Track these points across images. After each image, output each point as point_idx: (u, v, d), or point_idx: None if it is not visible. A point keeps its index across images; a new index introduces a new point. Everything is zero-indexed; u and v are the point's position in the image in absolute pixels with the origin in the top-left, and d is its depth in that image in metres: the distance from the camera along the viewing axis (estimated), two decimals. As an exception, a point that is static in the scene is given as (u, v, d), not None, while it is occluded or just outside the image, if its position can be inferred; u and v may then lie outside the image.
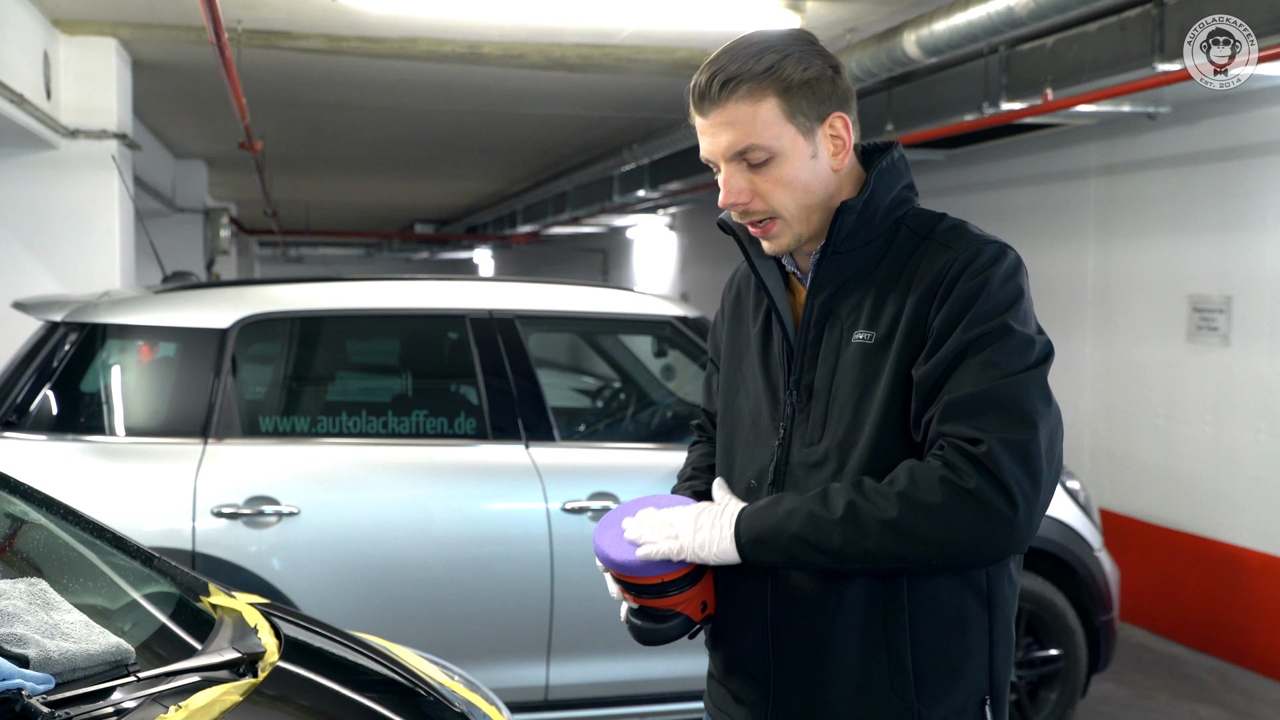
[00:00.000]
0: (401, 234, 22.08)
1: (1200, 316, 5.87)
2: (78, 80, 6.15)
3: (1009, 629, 1.65)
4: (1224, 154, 5.74)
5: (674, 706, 3.98)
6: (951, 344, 1.53)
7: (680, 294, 13.11)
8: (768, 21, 5.27)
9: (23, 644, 1.74)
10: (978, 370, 1.51)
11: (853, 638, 1.60)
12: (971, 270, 1.55)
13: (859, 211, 1.62)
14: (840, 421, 1.61)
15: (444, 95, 7.93)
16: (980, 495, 1.46)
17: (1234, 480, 5.69)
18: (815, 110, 1.61)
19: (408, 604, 3.79)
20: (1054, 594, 4.36)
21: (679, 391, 5.02)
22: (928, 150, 7.46)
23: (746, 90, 1.58)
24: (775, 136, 1.59)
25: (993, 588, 1.62)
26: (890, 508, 1.49)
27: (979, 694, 1.62)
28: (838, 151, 1.63)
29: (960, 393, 1.50)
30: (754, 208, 1.63)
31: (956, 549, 1.49)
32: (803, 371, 1.67)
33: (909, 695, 1.59)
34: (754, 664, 1.70)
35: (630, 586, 1.66)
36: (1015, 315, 1.54)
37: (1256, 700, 5.22)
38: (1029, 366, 1.52)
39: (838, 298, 1.65)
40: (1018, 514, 1.46)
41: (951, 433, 1.50)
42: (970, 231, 1.62)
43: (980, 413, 1.49)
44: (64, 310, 3.88)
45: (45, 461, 3.64)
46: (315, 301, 4.12)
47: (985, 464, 1.46)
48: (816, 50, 1.63)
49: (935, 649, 1.59)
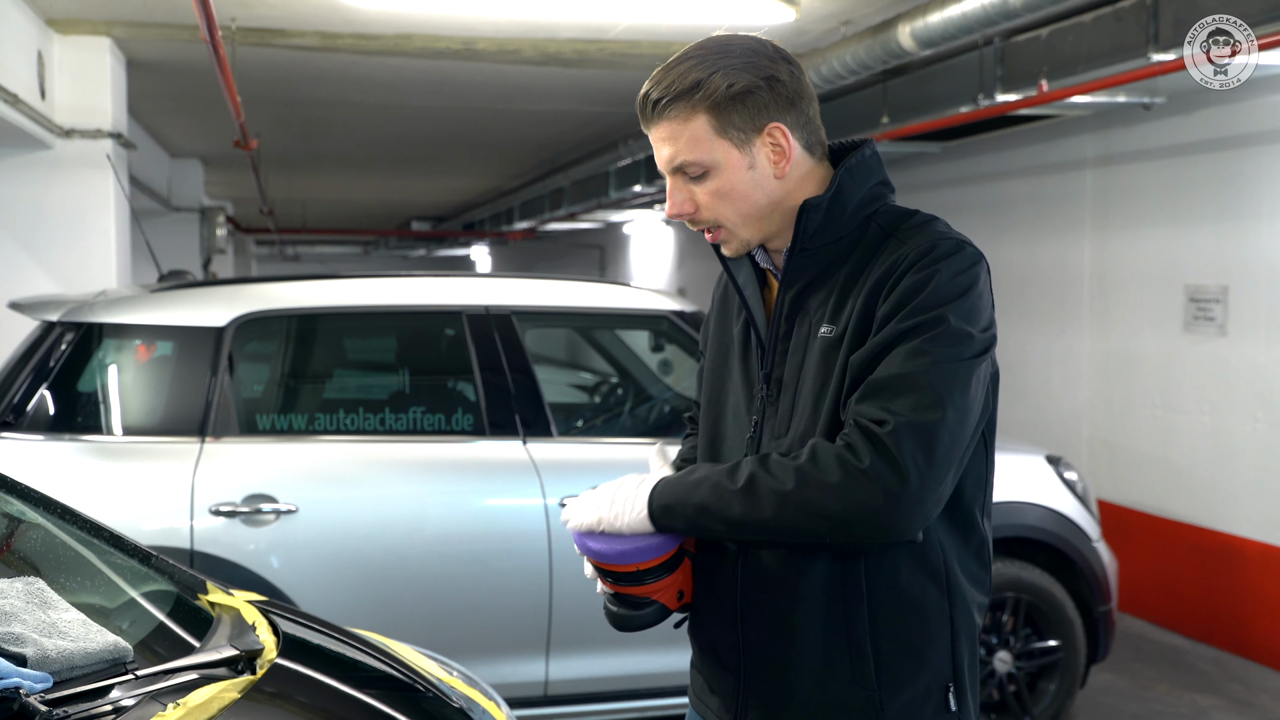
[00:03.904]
0: (398, 231, 22.08)
1: (1197, 307, 5.87)
2: (72, 80, 6.14)
3: (971, 615, 1.67)
4: (1220, 144, 5.74)
5: (673, 700, 3.99)
6: (887, 331, 1.55)
7: (677, 289, 13.11)
8: (762, 15, 5.27)
9: (20, 643, 1.74)
10: (904, 357, 1.53)
11: (814, 626, 1.63)
12: (922, 263, 1.56)
13: (825, 209, 1.64)
14: (803, 415, 1.64)
15: (439, 92, 7.93)
16: (874, 474, 1.49)
17: (1232, 470, 5.69)
18: (750, 123, 1.62)
19: (406, 600, 3.79)
20: (1052, 585, 4.36)
21: (676, 386, 5.03)
22: (923, 143, 7.47)
23: (676, 109, 1.63)
24: (707, 152, 1.63)
25: (951, 574, 1.64)
26: (788, 480, 1.53)
27: (942, 680, 1.64)
28: (778, 160, 1.65)
29: (880, 375, 1.53)
30: (699, 217, 1.69)
31: (847, 524, 1.52)
32: (773, 365, 1.70)
33: (870, 683, 1.61)
34: (726, 653, 1.73)
35: (607, 573, 1.67)
36: (957, 309, 1.54)
37: (1256, 689, 5.22)
38: (958, 359, 1.53)
39: (807, 293, 1.68)
40: (907, 491, 1.49)
41: (863, 413, 1.52)
42: (933, 228, 1.63)
43: (894, 395, 1.51)
44: (60, 310, 3.88)
45: (42, 461, 3.64)
46: (312, 299, 4.11)
47: (886, 443, 1.49)
48: (752, 62, 1.63)
49: (895, 636, 1.62)
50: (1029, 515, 4.33)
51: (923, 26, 4.89)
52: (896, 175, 2.61)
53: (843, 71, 5.61)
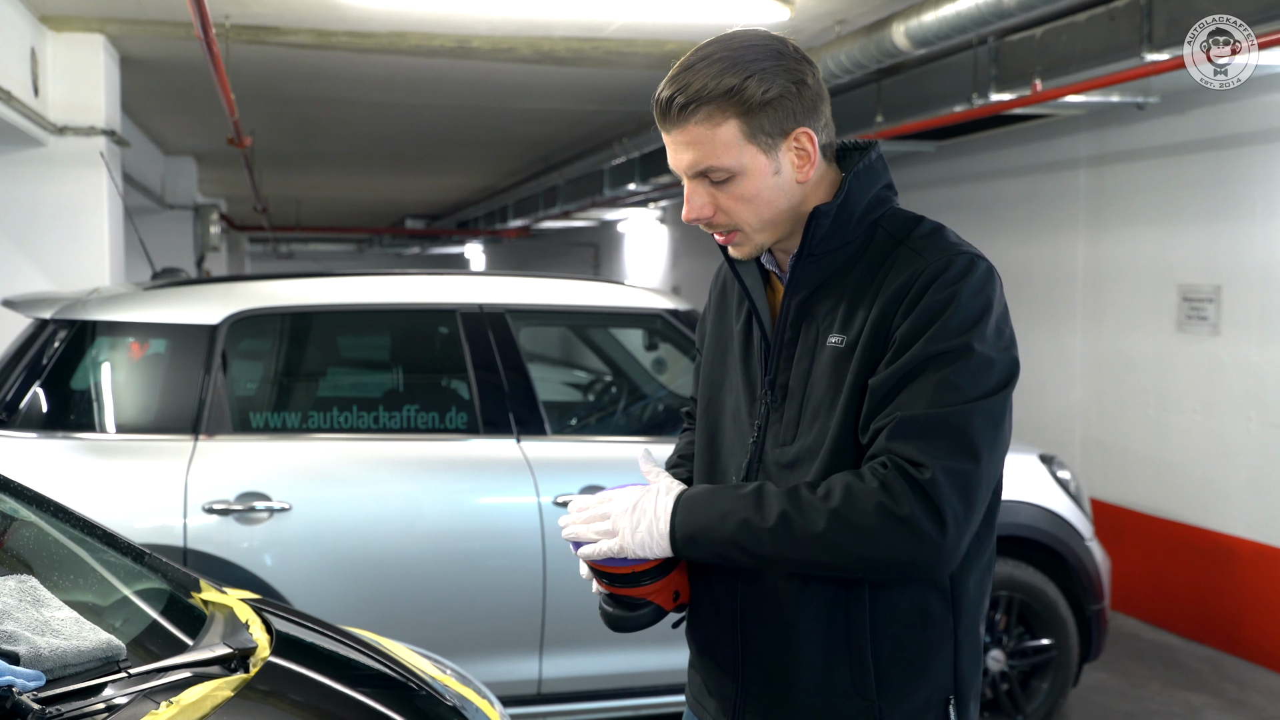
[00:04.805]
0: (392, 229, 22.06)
1: (1190, 306, 5.88)
2: (65, 77, 6.13)
3: (975, 628, 1.66)
4: (1213, 143, 5.76)
5: (667, 699, 3.99)
6: (910, 356, 1.52)
7: (672, 287, 13.11)
8: (757, 13, 5.27)
9: (13, 641, 1.74)
10: (934, 389, 1.51)
11: (815, 634, 1.62)
12: (941, 282, 1.54)
13: (833, 216, 1.62)
14: (812, 424, 1.62)
15: (433, 90, 7.92)
16: (914, 521, 1.47)
17: (1225, 469, 5.70)
18: (778, 128, 1.59)
19: (400, 599, 3.79)
20: (1045, 584, 4.37)
21: (670, 385, 5.03)
22: (918, 142, 7.47)
23: (706, 114, 1.56)
24: (736, 158, 1.58)
25: (957, 587, 1.62)
26: (819, 521, 1.51)
27: (943, 693, 1.62)
28: (802, 165, 1.62)
29: (913, 412, 1.50)
30: (717, 221, 1.64)
31: (881, 567, 1.52)
32: (778, 371, 1.67)
33: (870, 693, 1.60)
34: (725, 656, 1.71)
35: (603, 575, 1.67)
36: (980, 333, 1.53)
37: (1248, 688, 5.24)
38: (986, 393, 1.52)
39: (814, 300, 1.65)
40: (946, 541, 1.49)
41: (899, 452, 1.50)
42: (945, 239, 1.61)
43: (930, 437, 1.49)
44: (53, 308, 3.87)
45: (35, 459, 3.64)
46: (305, 297, 4.11)
47: (926, 490, 1.47)
48: (783, 65, 1.59)
49: (897, 647, 1.60)
50: (1022, 514, 4.34)
51: (917, 26, 4.90)
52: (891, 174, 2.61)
53: (837, 71, 5.61)
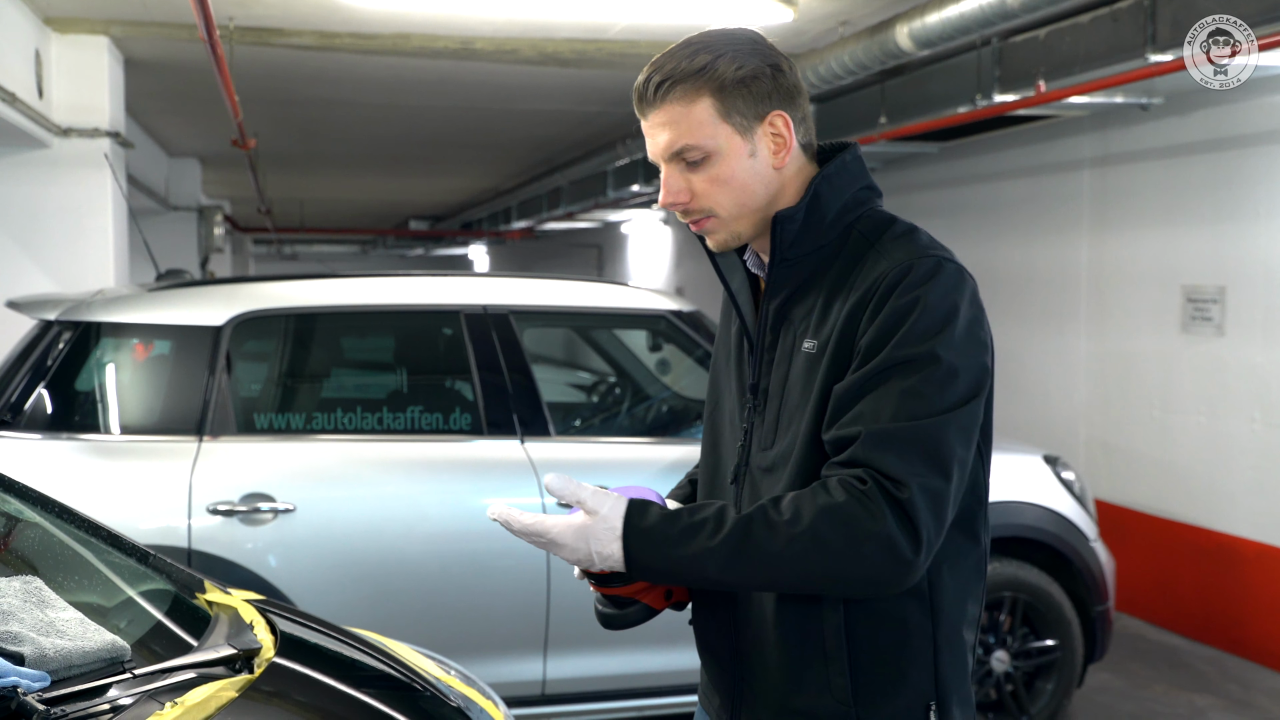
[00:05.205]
0: (396, 230, 22.07)
1: (1194, 307, 5.87)
2: (70, 79, 6.14)
3: (957, 633, 1.63)
4: (1217, 144, 5.75)
5: (671, 700, 3.99)
6: (876, 364, 1.51)
7: (675, 288, 13.11)
8: (760, 15, 5.27)
9: (18, 642, 1.74)
10: (899, 399, 1.49)
11: (791, 636, 1.61)
12: (905, 285, 1.52)
13: (802, 219, 1.62)
14: (788, 429, 1.62)
15: (437, 91, 7.92)
16: (892, 540, 1.46)
17: (1229, 470, 5.70)
18: (753, 109, 1.60)
19: (404, 599, 3.79)
20: (1050, 584, 4.37)
21: (674, 386, 5.03)
22: (921, 143, 7.47)
23: (680, 91, 1.59)
24: (710, 136, 1.59)
25: (935, 592, 1.60)
26: (783, 542, 1.48)
27: (924, 698, 1.60)
28: (779, 150, 1.62)
29: (884, 425, 1.49)
30: (692, 206, 1.64)
31: (849, 584, 1.51)
32: (759, 375, 1.68)
33: (846, 697, 1.59)
34: (722, 654, 1.73)
35: (593, 575, 1.67)
36: (946, 340, 1.51)
37: (1253, 689, 5.23)
38: (955, 404, 1.50)
39: (791, 303, 1.65)
40: (918, 560, 1.48)
41: (877, 467, 1.48)
42: (915, 241, 1.59)
43: (905, 453, 1.47)
44: (58, 309, 3.87)
45: (40, 460, 3.64)
46: (309, 298, 4.11)
47: (905, 509, 1.46)
48: (756, 49, 1.62)
49: (874, 652, 1.59)
50: (1026, 515, 4.34)
51: (920, 27, 4.89)
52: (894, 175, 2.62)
53: (840, 72, 5.61)
